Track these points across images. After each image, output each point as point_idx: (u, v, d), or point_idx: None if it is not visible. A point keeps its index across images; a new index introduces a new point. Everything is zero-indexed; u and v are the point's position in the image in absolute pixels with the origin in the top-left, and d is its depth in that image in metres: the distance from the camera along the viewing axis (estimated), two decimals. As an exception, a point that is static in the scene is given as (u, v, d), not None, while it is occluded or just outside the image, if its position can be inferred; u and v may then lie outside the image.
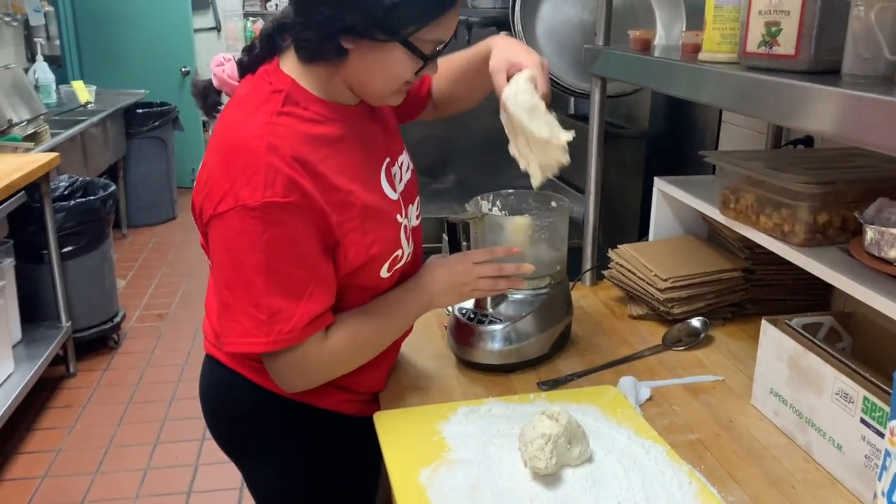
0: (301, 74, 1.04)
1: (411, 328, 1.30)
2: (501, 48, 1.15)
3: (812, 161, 1.33)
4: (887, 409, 0.94)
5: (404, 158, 1.22)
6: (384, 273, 1.11)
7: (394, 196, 1.13)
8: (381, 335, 1.14)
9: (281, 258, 0.97)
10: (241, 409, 1.20)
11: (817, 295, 1.51)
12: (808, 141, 1.56)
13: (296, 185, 0.96)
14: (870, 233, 1.06)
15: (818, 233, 1.18)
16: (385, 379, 1.28)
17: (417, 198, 1.25)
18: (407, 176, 1.21)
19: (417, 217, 1.25)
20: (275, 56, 1.06)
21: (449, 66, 1.27)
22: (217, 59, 1.13)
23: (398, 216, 1.12)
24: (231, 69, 1.13)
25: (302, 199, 0.97)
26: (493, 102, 1.15)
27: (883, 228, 1.04)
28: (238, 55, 1.11)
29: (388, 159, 1.14)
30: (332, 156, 1.02)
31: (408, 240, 1.15)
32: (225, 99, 1.14)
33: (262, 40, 1.07)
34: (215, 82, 1.15)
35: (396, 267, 1.13)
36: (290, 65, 1.05)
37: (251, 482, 1.28)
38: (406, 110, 1.27)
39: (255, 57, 1.07)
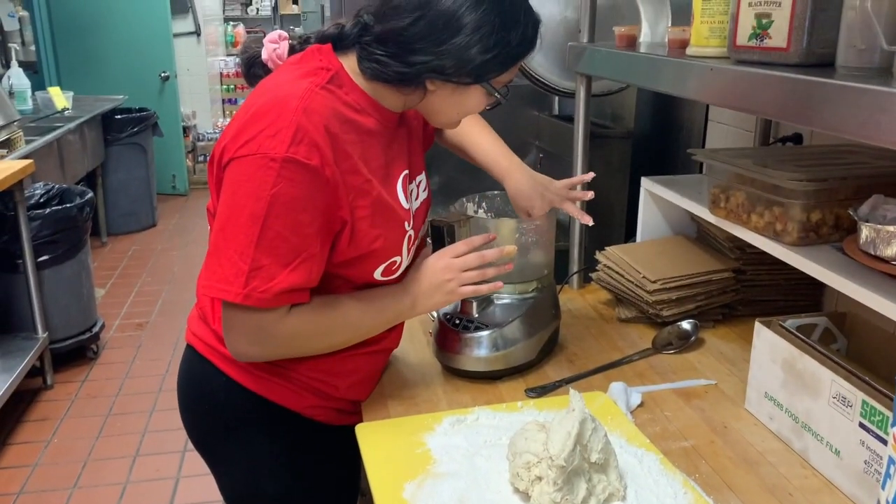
0: (353, 68, 1.04)
1: (397, 341, 1.26)
2: (518, 191, 1.30)
3: (802, 158, 1.30)
4: (887, 413, 0.91)
5: (422, 179, 1.22)
6: (377, 275, 1.09)
7: (406, 205, 1.12)
8: (346, 328, 1.10)
9: (281, 217, 0.95)
10: (211, 401, 1.17)
11: (809, 295, 1.49)
12: (796, 138, 1.54)
13: (320, 151, 0.96)
14: (865, 231, 1.03)
15: (811, 231, 1.15)
16: (367, 389, 1.23)
17: (426, 221, 1.23)
18: (423, 195, 1.21)
19: (421, 238, 1.23)
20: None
21: (467, 138, 1.37)
22: (272, 37, 1.13)
23: (406, 224, 1.11)
24: (283, 50, 1.12)
25: (321, 168, 0.96)
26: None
27: (878, 226, 1.01)
28: (292, 41, 1.12)
29: (406, 171, 1.14)
30: (359, 143, 1.03)
31: (409, 252, 1.14)
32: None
33: (320, 40, 1.07)
34: (264, 55, 1.13)
35: (392, 276, 1.12)
36: (343, 55, 1.05)
37: (220, 480, 1.23)
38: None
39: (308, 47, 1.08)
